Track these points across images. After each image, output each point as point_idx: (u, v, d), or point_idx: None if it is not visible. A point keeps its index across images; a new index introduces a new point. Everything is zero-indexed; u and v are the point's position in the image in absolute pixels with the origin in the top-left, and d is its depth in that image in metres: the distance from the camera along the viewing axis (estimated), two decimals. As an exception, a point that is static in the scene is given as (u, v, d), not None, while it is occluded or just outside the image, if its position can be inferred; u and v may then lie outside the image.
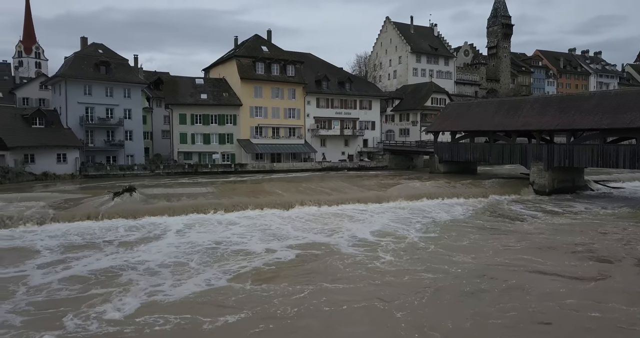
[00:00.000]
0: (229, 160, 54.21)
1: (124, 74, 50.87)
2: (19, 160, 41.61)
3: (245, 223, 24.65)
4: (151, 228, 23.36)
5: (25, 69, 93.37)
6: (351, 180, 41.31)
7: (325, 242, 20.43)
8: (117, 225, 23.88)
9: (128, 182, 34.86)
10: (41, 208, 25.44)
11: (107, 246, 19.84)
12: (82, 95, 47.47)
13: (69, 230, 22.82)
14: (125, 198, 28.18)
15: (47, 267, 16.66)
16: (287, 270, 16.50)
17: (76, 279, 15.31)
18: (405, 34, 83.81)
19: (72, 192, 32.78)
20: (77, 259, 17.72)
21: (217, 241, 20.68)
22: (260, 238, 21.33)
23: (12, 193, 30.87)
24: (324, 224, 24.49)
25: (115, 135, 49.38)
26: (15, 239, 21.13)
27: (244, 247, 19.69)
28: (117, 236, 21.80)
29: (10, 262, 17.36)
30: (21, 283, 14.82)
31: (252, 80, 55.23)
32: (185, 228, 23.54)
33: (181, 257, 18.09)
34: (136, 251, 19.08)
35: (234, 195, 31.55)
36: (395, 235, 22.03)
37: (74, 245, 20.05)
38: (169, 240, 21.09)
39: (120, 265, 16.91)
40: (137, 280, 15.21)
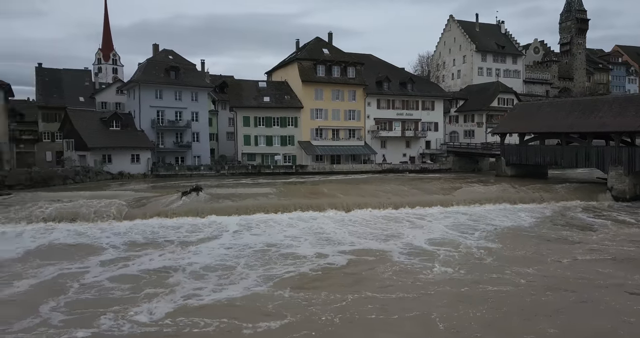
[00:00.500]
0: (290, 161, 55.11)
1: (192, 78, 53.25)
2: (98, 160, 44.72)
3: (302, 225, 24.57)
4: (212, 228, 24.03)
5: (103, 75, 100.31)
6: (412, 183, 40.54)
7: (379, 249, 19.75)
8: (182, 223, 24.86)
9: (195, 182, 36.31)
10: (117, 206, 27.16)
11: (168, 245, 20.39)
12: (153, 99, 50.22)
13: (139, 227, 24.08)
14: (192, 198, 29.41)
15: (107, 265, 17.26)
16: (334, 277, 16.05)
17: (128, 278, 15.64)
18: (470, 32, 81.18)
19: (144, 191, 34.70)
20: (136, 257, 18.39)
21: (270, 243, 20.64)
22: (313, 241, 21.06)
23: (92, 191, 33.30)
24: (381, 229, 23.95)
25: (183, 137, 51.79)
26: (88, 235, 22.56)
27: (295, 251, 19.38)
28: (179, 235, 22.55)
29: (79, 257, 18.31)
30: (76, 280, 15.32)
31: (313, 82, 55.80)
32: (244, 229, 23.93)
33: (230, 260, 17.84)
34: (192, 251, 19.44)
35: (294, 196, 31.98)
36: (453, 243, 20.86)
37: (138, 243, 20.90)
38: (223, 240, 21.37)
39: (174, 265, 17.08)
40: (183, 281, 15.35)
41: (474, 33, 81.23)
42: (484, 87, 70.22)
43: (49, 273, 16.15)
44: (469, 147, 60.19)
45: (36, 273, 16.17)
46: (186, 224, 24.78)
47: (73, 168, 42.78)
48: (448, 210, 29.68)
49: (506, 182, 39.75)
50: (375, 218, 26.96)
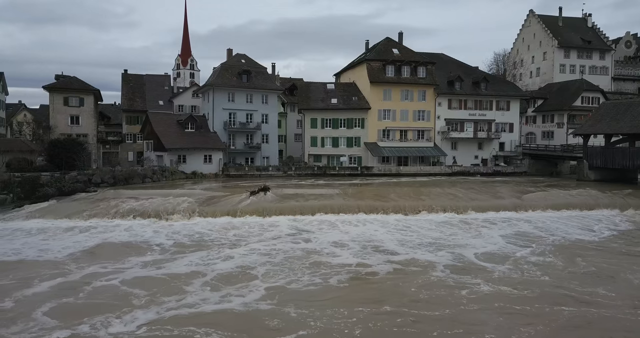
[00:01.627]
0: (355, 162, 54.84)
1: (263, 81, 54.70)
2: (174, 160, 47.20)
3: (356, 230, 23.77)
4: (273, 227, 24.44)
5: (181, 80, 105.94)
6: (482, 186, 38.75)
7: (426, 260, 18.13)
8: (246, 223, 25.46)
9: (263, 182, 37.14)
10: (189, 204, 28.43)
11: (219, 246, 20.71)
12: (226, 101, 52.18)
13: (206, 225, 25.01)
14: (260, 197, 30.15)
15: (146, 266, 17.59)
16: (360, 290, 14.90)
17: (151, 280, 15.56)
18: (552, 27, 76.22)
19: (215, 190, 36.04)
20: (181, 257, 18.70)
21: (314, 248, 20.17)
22: (359, 248, 20.07)
23: (168, 190, 35.16)
24: (437, 236, 22.33)
25: (253, 139, 53.33)
26: (157, 232, 23.78)
27: (335, 258, 18.36)
28: (237, 233, 23.14)
29: (126, 255, 19.02)
30: (98, 280, 15.56)
31: (382, 83, 55.14)
32: (299, 230, 24.06)
33: (260, 266, 17.25)
34: (239, 252, 19.54)
35: (357, 198, 31.73)
36: (509, 255, 18.83)
37: (194, 242, 21.43)
38: (273, 242, 21.43)
39: (202, 270, 16.85)
40: (197, 288, 14.79)
41: (556, 28, 76.16)
42: (565, 85, 65.63)
43: (90, 269, 17.03)
44: (548, 149, 56.45)
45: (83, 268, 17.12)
46: (249, 224, 25.25)
47: (151, 167, 45.47)
48: (516, 216, 28.03)
49: (589, 187, 36.76)
50: (436, 223, 25.88)
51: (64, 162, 39.52)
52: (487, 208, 29.24)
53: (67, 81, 54.65)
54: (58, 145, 42.25)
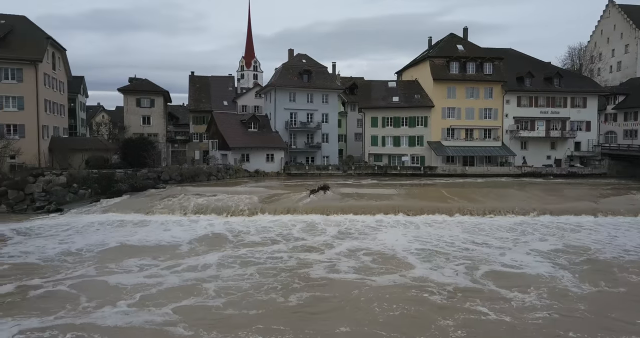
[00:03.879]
0: (418, 162, 53.48)
1: (323, 80, 54.78)
2: (238, 159, 48.38)
3: (413, 233, 22.88)
4: (329, 226, 24.18)
5: (245, 81, 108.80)
6: (554, 188, 36.43)
7: (475, 284, 15.16)
8: (304, 221, 25.43)
9: (323, 181, 37.12)
10: (253, 201, 28.93)
11: (281, 242, 21.06)
12: (287, 101, 52.78)
13: (265, 222, 25.27)
14: (319, 196, 30.12)
15: (225, 258, 18.24)
16: (363, 306, 13.26)
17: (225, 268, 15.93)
18: (635, 17, 70.28)
19: (276, 188, 36.49)
20: (249, 250, 19.12)
21: (358, 248, 19.51)
22: (414, 252, 19.10)
23: (231, 187, 36.05)
24: (490, 242, 20.79)
25: (313, 138, 53.55)
26: (213, 226, 24.28)
27: (364, 266, 16.92)
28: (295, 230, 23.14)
29: (201, 251, 19.58)
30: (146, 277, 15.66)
31: (445, 80, 53.37)
32: (349, 230, 23.67)
33: (287, 271, 16.60)
34: (281, 251, 19.37)
35: (421, 198, 30.80)
36: (553, 277, 15.92)
37: (262, 238, 21.89)
38: (332, 240, 21.35)
39: (241, 270, 16.58)
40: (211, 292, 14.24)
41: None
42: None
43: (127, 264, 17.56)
44: (630, 149, 51.97)
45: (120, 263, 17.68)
46: (308, 222, 25.21)
47: (216, 166, 46.89)
48: (586, 220, 25.94)
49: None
50: (498, 227, 24.38)
51: (136, 159, 41.63)
52: (563, 212, 27.32)
53: (139, 83, 57.69)
54: (131, 144, 44.65)
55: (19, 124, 38.90)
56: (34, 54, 39.65)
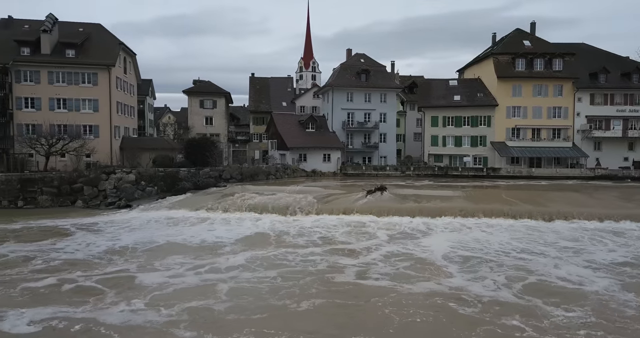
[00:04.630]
0: (480, 163, 51.55)
1: (381, 80, 54.19)
2: (295, 159, 48.96)
3: (464, 238, 21.72)
4: (390, 228, 23.72)
5: (303, 82, 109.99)
6: (634, 193, 33.67)
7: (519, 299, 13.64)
8: (358, 221, 25.20)
9: (380, 182, 36.64)
10: (310, 201, 29.09)
11: (337, 242, 20.80)
12: (345, 101, 52.70)
13: (322, 222, 25.27)
14: (376, 197, 29.73)
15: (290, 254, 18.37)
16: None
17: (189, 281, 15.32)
18: None
19: (333, 188, 36.47)
20: (307, 250, 19.07)
21: (400, 252, 18.73)
22: (458, 258, 17.98)
23: (289, 186, 36.50)
24: (556, 255, 18.74)
25: (371, 138, 53.11)
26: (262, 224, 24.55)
27: (403, 277, 15.80)
28: (350, 231, 22.88)
29: (260, 244, 19.86)
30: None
31: (511, 78, 51.05)
32: (418, 232, 23.06)
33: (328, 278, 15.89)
34: (349, 250, 19.22)
35: (480, 201, 29.57)
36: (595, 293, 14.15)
37: (319, 238, 21.87)
38: (388, 243, 20.88)
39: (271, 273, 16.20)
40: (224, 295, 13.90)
41: None
42: None
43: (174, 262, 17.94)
44: None
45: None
46: (364, 222, 24.93)
47: (274, 165, 47.73)
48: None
49: None
50: (560, 235, 22.61)
51: (199, 159, 43.20)
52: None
53: (202, 85, 59.85)
54: (194, 143, 46.36)
55: (93, 124, 41.58)
56: (107, 59, 42.25)
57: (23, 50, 41.01)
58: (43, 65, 40.81)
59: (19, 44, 40.99)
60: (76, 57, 41.86)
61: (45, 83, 40.82)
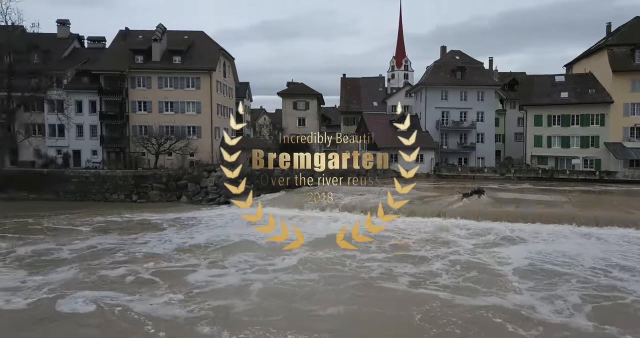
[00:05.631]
0: (592, 166, 46.89)
1: (478, 77, 51.55)
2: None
3: (555, 247, 19.70)
4: (487, 234, 22.34)
5: (395, 81, 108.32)
6: None
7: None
8: (459, 225, 24.05)
9: (477, 184, 34.88)
10: (399, 202, 28.49)
11: (430, 247, 19.85)
12: (439, 100, 50.91)
13: (414, 225, 24.50)
14: (472, 200, 28.27)
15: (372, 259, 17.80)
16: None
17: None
18: None
19: (425, 190, 35.39)
20: (392, 254, 18.35)
21: (474, 262, 17.25)
22: (537, 271, 16.30)
23: (379, 187, 36.01)
24: None
25: (467, 138, 50.74)
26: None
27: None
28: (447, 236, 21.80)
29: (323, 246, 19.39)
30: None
31: (629, 72, 45.76)
32: (522, 240, 21.37)
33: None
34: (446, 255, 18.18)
35: (592, 207, 26.83)
36: None
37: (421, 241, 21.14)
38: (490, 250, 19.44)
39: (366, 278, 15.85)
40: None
41: None
42: None
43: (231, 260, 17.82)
44: None
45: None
46: (459, 226, 23.82)
47: (365, 166, 47.40)
48: None
49: None
50: None
51: (292, 158, 44.32)
52: None
53: (296, 87, 61.39)
54: (288, 144, 47.68)
55: (196, 125, 44.47)
56: (209, 64, 44.99)
57: (137, 58, 45.02)
58: (154, 71, 44.49)
59: (133, 53, 45.08)
60: (182, 63, 45.09)
61: (156, 87, 44.46)
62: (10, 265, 17.49)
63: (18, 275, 16.04)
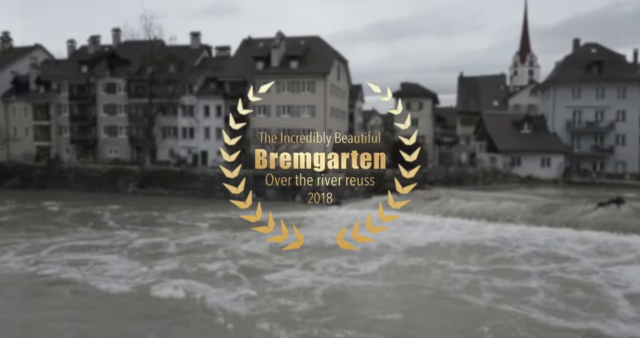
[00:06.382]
0: None
1: (618, 71, 45.66)
2: (507, 163, 45.03)
3: None
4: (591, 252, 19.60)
5: (518, 78, 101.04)
6: None
7: None
8: (590, 239, 21.46)
9: (615, 193, 30.92)
10: (523, 210, 26.34)
11: (570, 260, 17.83)
12: (570, 98, 46.12)
13: (540, 235, 22.36)
14: (610, 210, 25.10)
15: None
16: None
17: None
18: None
19: (552, 197, 32.47)
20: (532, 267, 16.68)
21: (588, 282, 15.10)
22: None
23: (499, 193, 33.72)
24: None
25: (603, 140, 45.27)
26: (480, 233, 22.57)
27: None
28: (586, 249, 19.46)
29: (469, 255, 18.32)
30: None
31: None
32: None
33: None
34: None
35: None
36: None
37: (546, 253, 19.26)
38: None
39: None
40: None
41: None
42: None
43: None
44: None
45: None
46: (596, 240, 21.21)
47: (483, 169, 44.76)
48: None
49: None
50: None
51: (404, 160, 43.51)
52: None
53: (409, 87, 60.11)
54: (399, 145, 46.88)
55: (310, 128, 45.79)
56: (323, 68, 46.08)
57: (258, 65, 47.76)
58: (272, 76, 46.79)
59: (255, 59, 47.90)
60: (298, 67, 46.80)
61: (274, 92, 46.68)
62: (126, 254, 19.90)
63: (131, 265, 18.08)
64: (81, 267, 17.55)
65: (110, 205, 32.74)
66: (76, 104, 52.95)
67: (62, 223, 27.14)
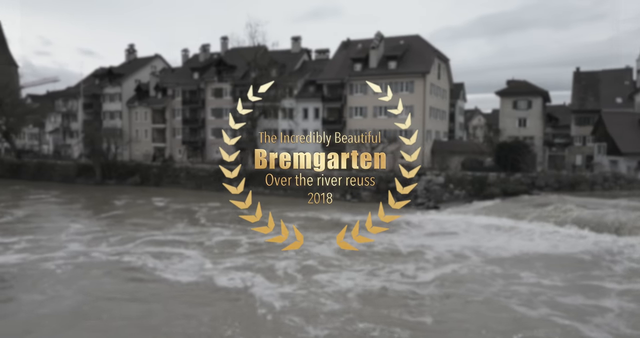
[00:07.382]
0: None
1: None
2: (632, 167, 40.09)
3: None
4: None
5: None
6: None
7: None
8: None
9: None
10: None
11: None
12: None
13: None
14: None
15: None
16: None
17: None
18: None
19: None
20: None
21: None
22: None
23: (621, 200, 30.12)
24: None
25: None
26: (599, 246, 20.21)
27: None
28: None
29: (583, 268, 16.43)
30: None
31: None
32: None
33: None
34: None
35: None
36: None
37: None
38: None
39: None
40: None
41: None
42: None
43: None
44: None
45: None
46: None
47: (602, 174, 40.27)
48: None
49: None
50: None
51: (509, 163, 40.72)
52: None
53: (516, 85, 56.20)
54: (505, 147, 43.90)
55: (408, 129, 44.76)
56: (423, 67, 44.81)
57: (355, 66, 47.84)
58: (370, 77, 46.56)
59: (352, 61, 48.05)
60: (397, 68, 46.02)
61: (371, 93, 46.42)
62: (203, 249, 21.16)
63: (203, 260, 19.16)
64: (161, 258, 19.25)
65: (211, 203, 34.91)
66: (188, 108, 57.46)
67: (162, 218, 29.73)
